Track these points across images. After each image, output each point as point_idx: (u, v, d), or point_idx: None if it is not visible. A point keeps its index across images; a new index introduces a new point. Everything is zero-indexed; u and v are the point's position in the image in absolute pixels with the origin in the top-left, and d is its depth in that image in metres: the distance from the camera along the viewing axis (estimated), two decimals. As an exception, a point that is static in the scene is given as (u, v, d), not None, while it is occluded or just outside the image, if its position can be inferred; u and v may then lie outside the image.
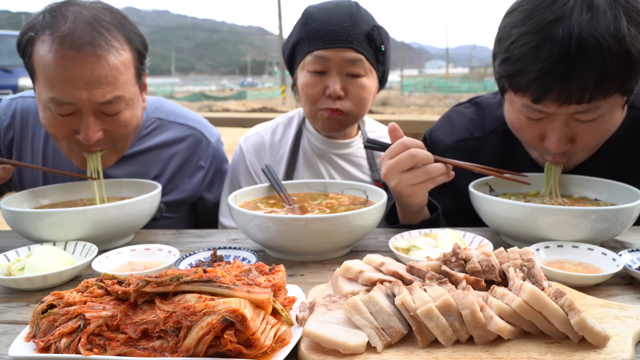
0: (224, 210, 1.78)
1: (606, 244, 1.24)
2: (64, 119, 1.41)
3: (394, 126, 1.33)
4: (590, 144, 1.31)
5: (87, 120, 1.40)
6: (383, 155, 1.30)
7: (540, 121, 1.29)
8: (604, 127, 1.28)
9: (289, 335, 0.78)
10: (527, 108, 1.27)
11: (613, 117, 1.27)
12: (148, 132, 1.70)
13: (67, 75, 1.35)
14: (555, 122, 1.26)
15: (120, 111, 1.45)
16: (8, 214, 1.26)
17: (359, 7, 1.62)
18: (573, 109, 1.22)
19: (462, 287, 0.83)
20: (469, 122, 1.61)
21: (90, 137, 1.41)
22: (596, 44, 1.13)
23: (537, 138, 1.33)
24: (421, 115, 7.80)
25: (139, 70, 1.51)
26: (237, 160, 1.81)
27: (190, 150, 1.74)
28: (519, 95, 1.27)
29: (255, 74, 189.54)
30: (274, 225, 1.13)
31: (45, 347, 0.75)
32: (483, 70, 75.84)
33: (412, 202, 1.34)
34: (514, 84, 1.26)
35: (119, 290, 0.78)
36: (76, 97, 1.37)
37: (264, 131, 1.84)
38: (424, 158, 1.25)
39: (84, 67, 1.35)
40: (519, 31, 1.22)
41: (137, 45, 1.48)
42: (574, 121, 1.26)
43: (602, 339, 0.73)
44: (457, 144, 1.57)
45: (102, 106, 1.41)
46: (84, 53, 1.34)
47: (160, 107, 1.77)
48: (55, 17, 1.38)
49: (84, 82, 1.36)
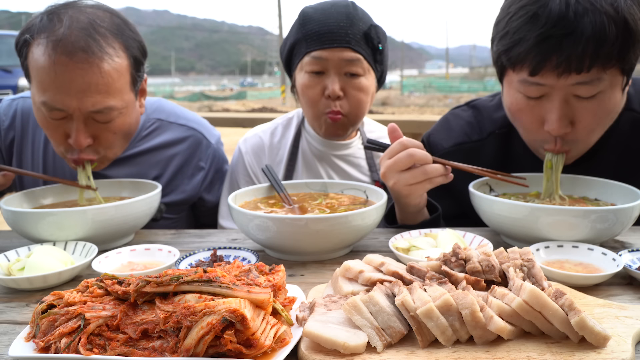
0: (224, 212, 1.78)
1: (606, 244, 1.24)
2: (55, 122, 1.41)
3: (393, 127, 1.33)
4: (590, 125, 1.28)
5: (77, 126, 1.40)
6: (382, 155, 1.30)
7: (539, 101, 1.27)
8: (604, 107, 1.25)
9: (289, 335, 0.78)
10: (525, 84, 1.26)
11: (613, 96, 1.25)
12: (148, 133, 1.70)
13: (58, 80, 1.34)
14: (554, 99, 1.24)
15: (112, 119, 1.44)
16: (8, 214, 1.26)
17: (356, 7, 1.62)
18: (573, 80, 1.20)
19: (462, 287, 0.83)
20: (467, 125, 1.60)
21: (81, 142, 1.41)
22: (593, 9, 1.14)
23: (536, 122, 1.31)
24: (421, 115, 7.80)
25: (134, 77, 1.48)
26: (236, 162, 1.81)
27: (191, 151, 1.74)
28: (517, 71, 1.26)
29: (255, 74, 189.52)
30: (274, 225, 1.13)
31: (45, 347, 0.75)
32: (483, 70, 75.83)
33: (409, 202, 1.34)
34: (512, 57, 1.25)
35: (119, 290, 0.78)
36: (66, 105, 1.36)
37: (262, 133, 1.83)
38: (422, 158, 1.25)
39: (75, 73, 1.34)
40: (516, 6, 1.24)
41: (134, 52, 1.46)
42: (573, 98, 1.24)
43: (602, 339, 0.73)
44: (455, 148, 1.56)
45: (93, 114, 1.40)
46: (76, 59, 1.33)
47: (160, 107, 1.76)
48: (52, 20, 1.37)
49: (75, 90, 1.35)
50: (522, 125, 1.36)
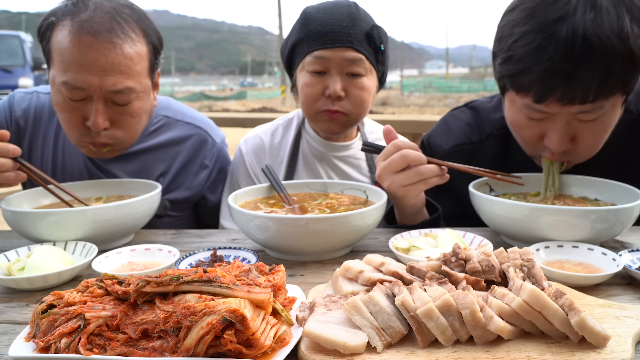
0: (225, 212, 1.78)
1: (606, 244, 1.24)
2: (74, 104, 1.45)
3: (389, 128, 1.34)
4: (590, 143, 1.30)
5: (97, 107, 1.44)
6: (378, 157, 1.31)
7: (541, 121, 1.29)
8: (605, 126, 1.27)
9: (289, 335, 0.78)
10: (528, 108, 1.27)
11: (613, 115, 1.27)
12: (155, 129, 1.73)
13: (82, 59, 1.39)
14: (557, 122, 1.26)
15: (131, 101, 1.48)
16: (8, 214, 1.26)
17: (358, 7, 1.61)
18: (576, 109, 1.21)
19: (462, 287, 0.83)
20: (466, 126, 1.61)
21: (99, 124, 1.45)
22: (600, 43, 1.12)
23: (537, 137, 1.32)
24: (421, 115, 7.80)
25: (152, 64, 1.55)
26: (237, 163, 1.81)
27: (196, 148, 1.76)
28: (520, 95, 1.25)
29: (255, 74, 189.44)
30: (274, 225, 1.13)
31: (45, 347, 0.75)
32: (483, 70, 75.82)
33: (405, 202, 1.34)
34: (516, 84, 1.24)
35: (119, 290, 0.78)
36: (88, 83, 1.41)
37: (263, 133, 1.83)
38: (415, 159, 1.25)
39: (99, 52, 1.39)
40: (520, 30, 1.21)
41: (152, 39, 1.54)
42: (575, 121, 1.25)
43: (602, 339, 0.73)
44: (454, 149, 1.57)
45: (113, 95, 1.44)
46: (101, 39, 1.39)
47: (168, 105, 1.80)
48: (77, 5, 1.45)
49: (98, 68, 1.40)
50: (522, 138, 1.38)
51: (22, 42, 11.96)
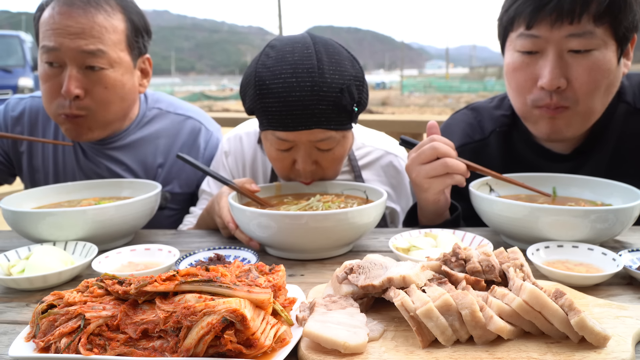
0: (200, 201, 1.72)
1: (606, 244, 1.24)
2: (51, 72, 1.53)
3: (433, 124, 1.36)
4: (586, 85, 1.32)
5: (70, 73, 1.51)
6: (411, 150, 1.34)
7: (534, 59, 1.34)
8: (598, 66, 1.30)
9: (289, 335, 0.78)
10: (522, 39, 1.33)
11: (606, 58, 1.30)
12: (148, 120, 1.78)
13: (56, 25, 1.50)
14: (548, 54, 1.31)
15: (104, 68, 1.53)
16: (8, 214, 1.26)
17: (322, 67, 1.28)
18: (565, 31, 1.28)
19: (462, 287, 0.83)
20: (468, 126, 1.63)
21: (71, 90, 1.50)
22: None
23: (530, 81, 1.36)
24: (421, 115, 7.79)
25: (132, 42, 1.60)
26: (219, 160, 1.73)
27: (192, 138, 1.79)
28: (515, 28, 1.36)
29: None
30: (275, 223, 1.13)
31: (45, 347, 0.75)
32: (483, 70, 75.80)
33: (428, 197, 1.33)
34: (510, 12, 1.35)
35: (119, 290, 0.78)
36: (59, 42, 1.49)
37: (246, 135, 1.73)
38: (445, 151, 1.27)
39: (72, 19, 1.50)
40: None
41: (133, 18, 1.60)
42: (567, 54, 1.31)
43: (602, 339, 0.73)
44: (459, 150, 1.56)
45: (85, 56, 1.50)
46: (75, 7, 1.51)
47: (160, 98, 1.86)
48: None
49: (70, 32, 1.49)
50: (517, 85, 1.41)
51: (22, 42, 11.96)
